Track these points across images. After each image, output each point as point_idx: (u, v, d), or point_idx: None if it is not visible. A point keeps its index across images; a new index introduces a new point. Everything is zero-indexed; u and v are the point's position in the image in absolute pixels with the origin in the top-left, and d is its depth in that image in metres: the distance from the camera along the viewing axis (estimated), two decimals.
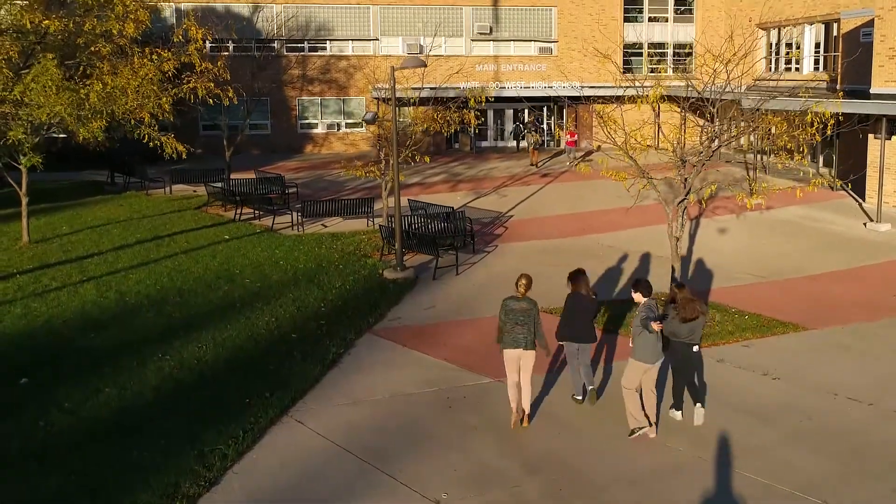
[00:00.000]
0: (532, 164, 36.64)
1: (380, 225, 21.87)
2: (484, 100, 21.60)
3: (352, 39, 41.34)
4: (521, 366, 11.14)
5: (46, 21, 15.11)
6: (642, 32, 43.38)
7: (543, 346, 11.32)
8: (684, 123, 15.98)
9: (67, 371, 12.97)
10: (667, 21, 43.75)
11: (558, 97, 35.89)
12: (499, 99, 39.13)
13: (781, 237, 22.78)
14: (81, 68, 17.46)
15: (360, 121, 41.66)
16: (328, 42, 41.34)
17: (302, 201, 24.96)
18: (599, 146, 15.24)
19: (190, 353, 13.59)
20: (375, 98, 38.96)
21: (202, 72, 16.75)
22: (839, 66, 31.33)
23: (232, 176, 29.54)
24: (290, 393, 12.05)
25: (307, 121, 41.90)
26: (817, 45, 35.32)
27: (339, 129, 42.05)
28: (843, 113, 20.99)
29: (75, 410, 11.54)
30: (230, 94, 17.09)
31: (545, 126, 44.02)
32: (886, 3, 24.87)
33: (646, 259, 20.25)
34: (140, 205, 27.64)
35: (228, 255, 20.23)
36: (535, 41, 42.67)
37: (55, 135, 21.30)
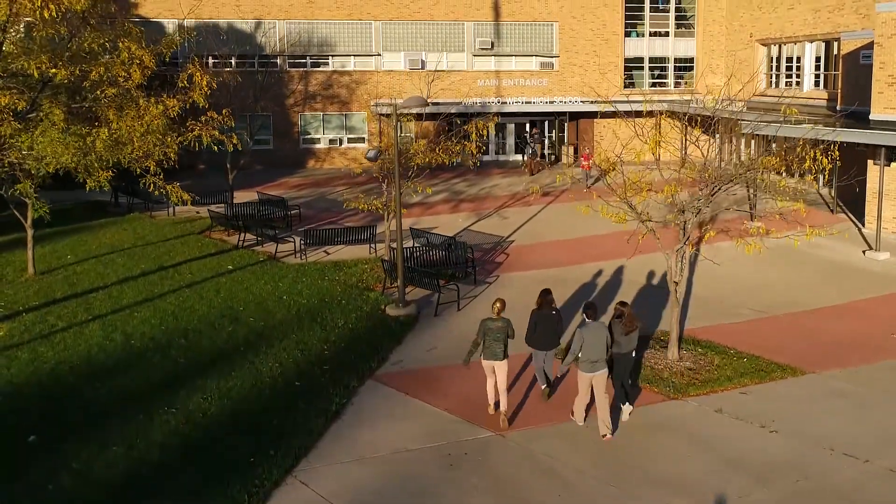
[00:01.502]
0: (531, 175, 37.68)
1: (382, 259, 22.04)
2: (486, 132, 21.75)
3: (354, 55, 41.47)
4: (497, 373, 13.22)
5: (54, 69, 15.28)
6: (643, 47, 43.53)
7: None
8: (683, 160, 16.12)
9: (75, 425, 13.14)
10: (667, 36, 43.84)
11: (560, 112, 36.26)
12: (500, 114, 39.35)
13: (780, 265, 22.88)
14: (87, 108, 17.63)
15: (361, 136, 41.88)
16: (330, 58, 41.48)
17: (304, 227, 25.10)
18: (607, 170, 15.54)
19: (196, 405, 13.77)
20: (376, 114, 39.23)
21: (207, 120, 16.95)
22: (839, 85, 31.45)
23: (235, 195, 29.73)
24: (293, 450, 12.23)
25: (309, 136, 42.07)
26: (818, 59, 35.44)
27: (341, 144, 42.21)
28: (843, 141, 21.11)
29: (83, 471, 11.72)
30: (234, 141, 17.32)
31: (546, 140, 44.29)
32: (886, 30, 24.98)
33: (644, 290, 20.42)
34: (144, 229, 27.82)
35: (232, 290, 20.39)
36: (536, 56, 42.77)
37: None
